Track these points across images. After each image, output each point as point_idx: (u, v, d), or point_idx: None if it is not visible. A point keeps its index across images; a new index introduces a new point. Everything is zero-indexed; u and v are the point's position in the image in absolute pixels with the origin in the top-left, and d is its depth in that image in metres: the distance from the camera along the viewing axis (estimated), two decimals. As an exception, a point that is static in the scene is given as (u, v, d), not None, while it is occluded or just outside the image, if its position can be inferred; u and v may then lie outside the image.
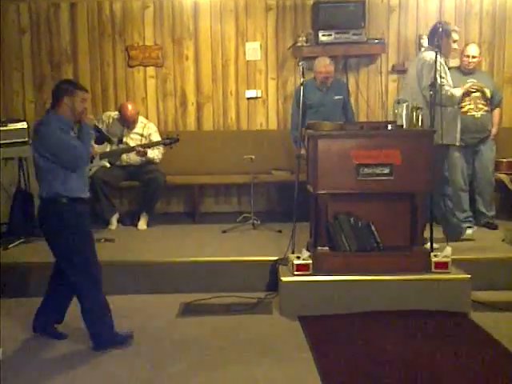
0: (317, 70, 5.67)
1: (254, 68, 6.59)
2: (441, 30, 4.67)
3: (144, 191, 5.93)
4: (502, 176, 5.73)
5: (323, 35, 6.20)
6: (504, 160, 5.82)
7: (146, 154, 5.80)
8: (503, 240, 5.14)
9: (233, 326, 4.01)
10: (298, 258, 4.26)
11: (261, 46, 6.54)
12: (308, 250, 4.40)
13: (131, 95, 6.54)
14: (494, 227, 5.61)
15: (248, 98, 6.61)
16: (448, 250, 4.32)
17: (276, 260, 4.59)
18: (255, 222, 5.74)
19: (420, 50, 6.45)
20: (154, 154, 5.91)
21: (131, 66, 6.53)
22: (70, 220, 3.52)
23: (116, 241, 5.33)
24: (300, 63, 4.85)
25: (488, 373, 3.27)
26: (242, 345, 3.69)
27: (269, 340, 3.77)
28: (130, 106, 5.90)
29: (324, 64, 5.63)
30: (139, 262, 4.74)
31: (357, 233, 4.31)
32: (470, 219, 5.38)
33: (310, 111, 5.56)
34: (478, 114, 5.51)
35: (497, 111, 5.79)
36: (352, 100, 6.38)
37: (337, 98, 5.73)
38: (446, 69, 4.81)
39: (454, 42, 4.88)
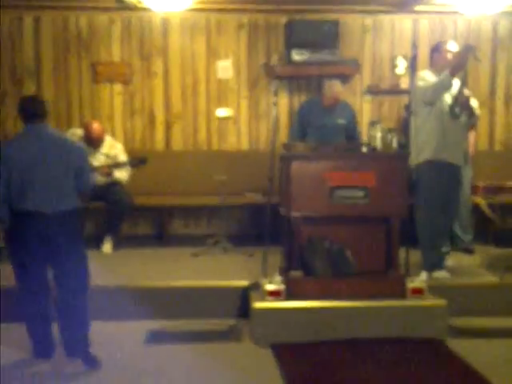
0: (327, 94, 5.61)
1: (225, 86, 6.51)
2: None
3: (109, 213, 5.79)
4: (479, 200, 5.71)
5: (296, 54, 6.19)
6: (480, 184, 5.79)
7: (110, 174, 5.65)
8: (479, 265, 5.11)
9: (202, 354, 3.90)
10: (270, 282, 4.18)
11: (233, 64, 6.47)
12: (280, 274, 4.31)
13: (97, 112, 6.41)
14: (471, 252, 5.56)
15: (219, 117, 6.51)
16: (424, 275, 4.29)
17: (247, 285, 4.51)
18: (226, 245, 5.65)
19: (394, 71, 6.49)
20: (122, 174, 5.77)
21: (97, 83, 6.39)
22: None
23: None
24: (272, 82, 4.76)
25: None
26: (211, 375, 3.59)
27: (240, 370, 3.68)
28: (95, 125, 5.76)
29: (337, 89, 5.58)
30: (103, 287, 4.56)
31: (331, 257, 4.24)
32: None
33: (310, 130, 5.54)
34: None
35: (472, 133, 5.76)
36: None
37: (340, 121, 5.68)
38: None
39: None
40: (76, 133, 5.85)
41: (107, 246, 5.73)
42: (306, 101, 5.56)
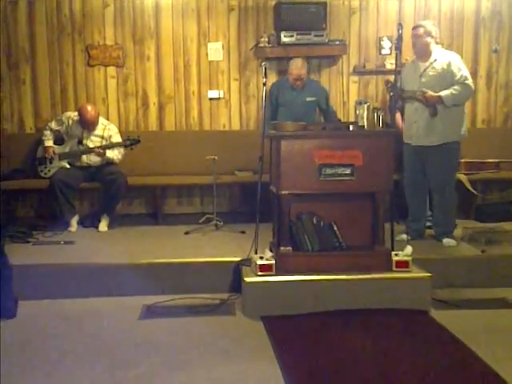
0: (289, 71, 5.73)
1: (216, 68, 6.57)
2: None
3: (105, 192, 5.85)
4: (461, 176, 5.81)
5: (285, 36, 6.26)
6: (462, 160, 5.90)
7: (104, 154, 5.74)
8: (461, 239, 5.21)
9: (195, 327, 3.98)
10: (261, 258, 4.25)
11: (223, 46, 6.53)
12: (271, 250, 4.40)
13: (91, 95, 6.46)
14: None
15: (210, 99, 6.60)
16: (409, 248, 4.35)
17: (239, 261, 4.58)
18: (218, 222, 5.72)
19: (381, 51, 6.57)
20: (114, 154, 5.85)
21: (91, 66, 6.44)
22: None
23: (76, 243, 5.25)
24: (262, 64, 4.85)
25: (449, 370, 3.31)
26: (204, 346, 3.66)
27: (231, 341, 3.75)
28: (89, 108, 5.81)
29: (296, 66, 5.68)
30: (100, 265, 4.65)
31: (319, 233, 4.32)
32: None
33: (281, 109, 5.65)
34: None
35: None
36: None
37: (309, 99, 5.77)
38: None
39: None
40: (71, 116, 5.95)
41: (103, 225, 5.79)
42: (276, 81, 5.70)
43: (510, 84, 6.81)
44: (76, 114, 5.91)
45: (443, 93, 4.81)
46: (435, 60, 4.88)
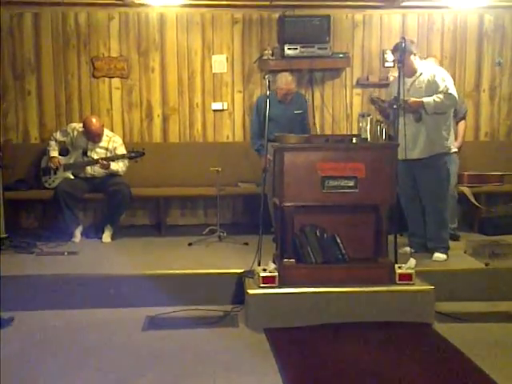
0: (278, 86, 5.69)
1: (220, 80, 6.60)
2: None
3: (108, 203, 5.86)
4: (464, 189, 5.81)
5: (289, 49, 6.29)
6: (466, 173, 5.91)
7: (109, 166, 5.76)
8: (465, 252, 5.22)
9: (198, 339, 3.97)
10: (265, 270, 4.25)
11: (227, 58, 6.57)
12: (274, 262, 4.41)
13: (96, 106, 6.49)
14: (456, 239, 5.66)
15: (214, 110, 6.62)
16: (412, 261, 4.34)
17: (242, 272, 4.57)
18: (221, 234, 5.72)
19: (384, 64, 6.60)
20: (118, 166, 5.87)
21: (96, 77, 6.48)
22: None
23: (79, 254, 5.26)
24: (266, 76, 4.88)
25: (452, 383, 3.31)
26: (207, 358, 3.66)
27: (235, 353, 3.74)
28: (94, 120, 5.85)
29: (286, 81, 5.66)
30: (103, 276, 4.66)
31: (322, 245, 4.33)
32: None
33: (270, 124, 5.62)
34: None
35: (462, 123, 5.88)
36: (317, 113, 6.48)
37: (297, 112, 5.78)
38: None
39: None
40: (76, 127, 5.98)
41: (106, 236, 5.79)
42: (262, 95, 5.68)
43: (514, 97, 6.82)
44: (81, 125, 5.95)
45: (425, 99, 4.85)
46: (421, 74, 4.94)
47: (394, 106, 4.71)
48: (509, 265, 4.89)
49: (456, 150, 5.41)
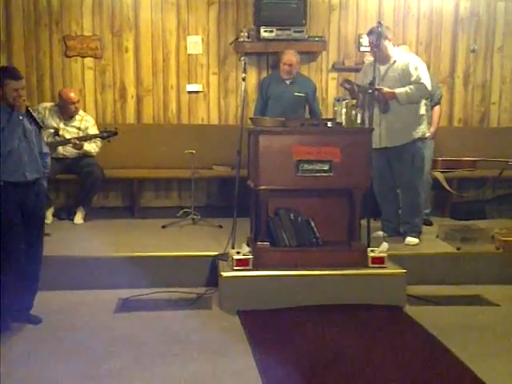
0: (281, 62, 5.73)
1: (195, 62, 6.54)
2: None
3: (81, 185, 5.80)
4: (437, 174, 5.86)
5: (265, 31, 6.25)
6: (439, 159, 5.95)
7: (82, 146, 5.67)
8: (437, 236, 5.29)
9: (171, 321, 3.98)
10: (238, 253, 4.26)
11: (202, 40, 6.50)
12: (248, 245, 4.41)
13: (68, 86, 6.35)
14: (429, 223, 5.74)
15: (189, 92, 6.57)
16: (385, 245, 4.40)
17: (216, 255, 4.58)
18: (195, 217, 5.71)
19: (360, 49, 6.60)
20: (91, 147, 5.78)
21: (69, 57, 6.36)
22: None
23: (51, 235, 5.18)
24: (242, 59, 4.85)
25: (422, 365, 3.35)
26: (180, 340, 3.67)
27: (208, 335, 3.76)
28: (72, 94, 5.77)
29: (287, 53, 5.71)
30: (75, 257, 4.63)
31: (297, 228, 4.35)
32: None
33: (270, 102, 5.70)
34: None
35: (437, 108, 5.90)
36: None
37: (298, 94, 5.77)
38: None
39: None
40: (48, 106, 5.87)
41: (79, 217, 5.74)
42: (268, 75, 5.77)
43: (487, 84, 6.88)
44: (52, 104, 5.86)
45: (398, 90, 4.86)
46: (394, 62, 4.94)
47: (370, 91, 4.71)
48: (479, 249, 4.96)
49: (430, 134, 5.46)
